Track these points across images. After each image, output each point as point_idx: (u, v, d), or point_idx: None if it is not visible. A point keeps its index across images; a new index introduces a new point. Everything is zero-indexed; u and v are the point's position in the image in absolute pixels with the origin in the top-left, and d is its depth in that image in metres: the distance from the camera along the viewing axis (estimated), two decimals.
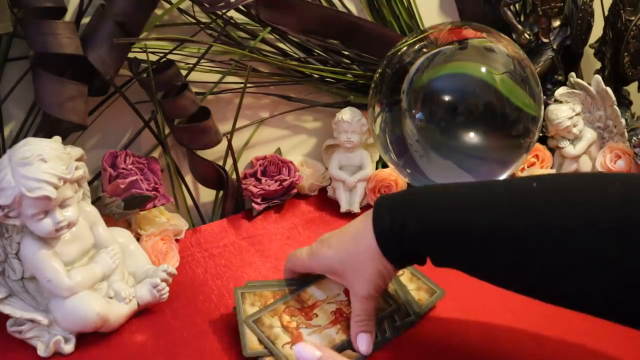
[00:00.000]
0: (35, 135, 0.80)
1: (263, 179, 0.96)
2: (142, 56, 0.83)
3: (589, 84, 0.98)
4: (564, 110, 0.96)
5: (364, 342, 0.64)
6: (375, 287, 0.63)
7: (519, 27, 1.02)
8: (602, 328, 0.56)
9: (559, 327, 0.66)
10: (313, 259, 0.68)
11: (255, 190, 0.94)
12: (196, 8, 0.87)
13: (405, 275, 0.76)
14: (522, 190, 0.55)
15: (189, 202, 0.93)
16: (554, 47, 1.03)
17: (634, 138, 0.97)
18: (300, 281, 0.71)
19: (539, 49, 1.03)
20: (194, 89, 0.88)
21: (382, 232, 0.60)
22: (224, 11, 0.88)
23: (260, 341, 0.64)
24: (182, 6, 0.87)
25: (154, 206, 0.83)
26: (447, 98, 0.83)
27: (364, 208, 0.96)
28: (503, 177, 0.87)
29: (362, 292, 0.63)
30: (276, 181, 0.95)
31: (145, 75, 0.83)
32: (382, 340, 0.66)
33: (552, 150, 1.01)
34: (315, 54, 0.98)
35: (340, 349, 0.64)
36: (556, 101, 0.99)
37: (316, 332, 0.66)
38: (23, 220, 0.65)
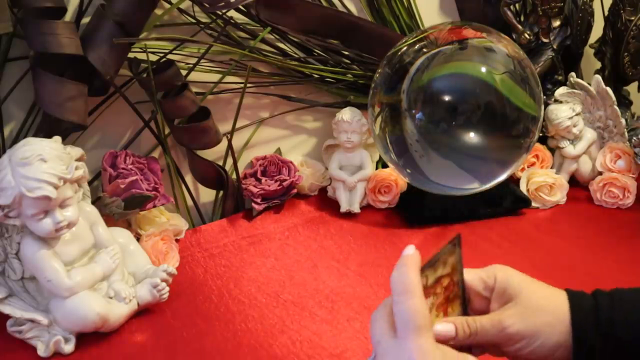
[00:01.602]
0: (35, 135, 0.80)
1: (263, 179, 0.96)
2: (142, 56, 0.83)
3: (589, 84, 0.98)
4: (564, 110, 0.96)
5: None
6: None
7: (519, 27, 1.02)
8: None
9: None
10: None
11: (255, 190, 0.94)
12: (196, 8, 0.87)
13: None
14: None
15: (189, 202, 0.93)
16: (554, 47, 1.03)
17: (634, 138, 0.97)
18: None
19: (539, 49, 1.03)
20: (194, 89, 0.88)
21: None
22: (224, 11, 0.88)
23: None
24: (182, 6, 0.87)
25: (154, 206, 0.83)
26: (447, 98, 0.83)
27: (364, 208, 0.96)
28: (503, 177, 0.87)
29: None
30: (276, 181, 0.95)
31: (145, 75, 0.83)
32: None
33: (552, 150, 1.01)
34: (315, 54, 0.98)
35: None
36: (556, 101, 0.99)
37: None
38: (23, 220, 0.65)
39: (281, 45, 0.97)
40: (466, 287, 0.54)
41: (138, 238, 0.81)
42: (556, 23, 1.02)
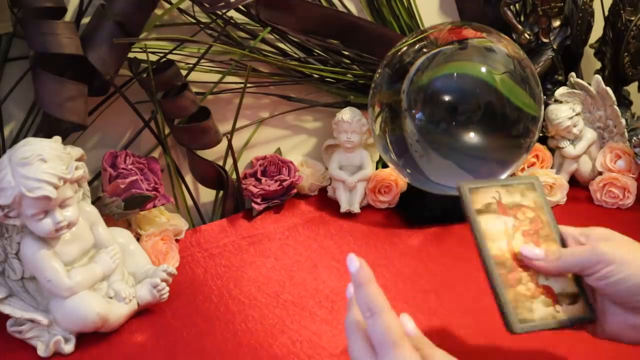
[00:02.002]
0: (35, 135, 0.80)
1: (263, 179, 0.96)
2: (142, 56, 0.83)
3: (589, 84, 0.98)
4: (564, 110, 0.96)
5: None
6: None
7: (519, 27, 1.02)
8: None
9: None
10: None
11: (255, 190, 0.94)
12: (196, 8, 0.87)
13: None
14: None
15: (189, 202, 0.93)
16: (554, 47, 1.03)
17: (634, 138, 0.97)
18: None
19: (539, 49, 1.03)
20: (194, 89, 0.88)
21: None
22: (224, 11, 0.88)
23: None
24: (182, 6, 0.87)
25: (154, 206, 0.83)
26: (447, 98, 0.83)
27: (364, 208, 0.96)
28: (503, 177, 0.87)
29: None
30: (276, 181, 0.95)
31: (145, 75, 0.83)
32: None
33: (552, 150, 1.01)
34: (315, 54, 0.98)
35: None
36: (556, 101, 0.99)
37: None
38: (23, 220, 0.65)
39: (281, 45, 0.97)
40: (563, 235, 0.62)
41: (138, 238, 0.81)
42: (556, 23, 1.02)
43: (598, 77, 0.98)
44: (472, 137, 0.83)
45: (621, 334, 0.58)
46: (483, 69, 0.84)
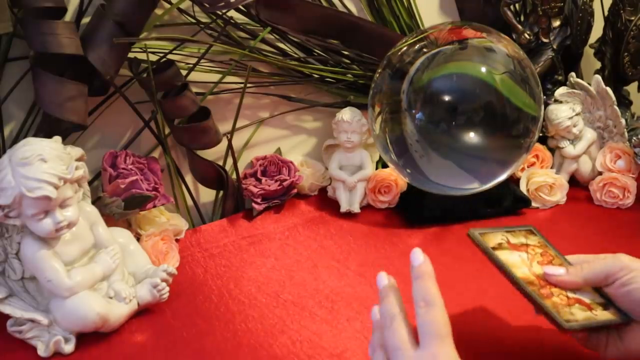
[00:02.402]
0: (35, 135, 0.80)
1: (263, 179, 0.96)
2: (142, 56, 0.83)
3: (589, 84, 0.98)
4: (564, 110, 0.97)
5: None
6: None
7: (519, 27, 1.02)
8: None
9: None
10: None
11: (255, 190, 0.94)
12: (196, 8, 0.87)
13: None
14: None
15: (189, 202, 0.93)
16: (554, 47, 1.03)
17: (634, 138, 0.97)
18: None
19: (539, 49, 1.03)
20: (194, 89, 0.88)
21: None
22: (224, 11, 0.88)
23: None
24: (182, 6, 0.87)
25: (154, 206, 0.83)
26: (447, 98, 0.83)
27: (364, 208, 0.96)
28: (503, 177, 0.87)
29: None
30: (276, 181, 0.95)
31: (145, 75, 0.83)
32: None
33: (552, 150, 1.01)
34: (315, 54, 0.98)
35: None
36: (556, 101, 0.99)
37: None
38: (23, 220, 0.65)
39: (281, 45, 0.97)
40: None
41: (138, 238, 0.81)
42: (556, 23, 1.02)
43: (598, 77, 0.98)
44: (472, 137, 0.83)
45: (638, 351, 0.59)
46: (483, 69, 0.84)
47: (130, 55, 0.83)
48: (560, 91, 0.99)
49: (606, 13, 1.06)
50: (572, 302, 0.61)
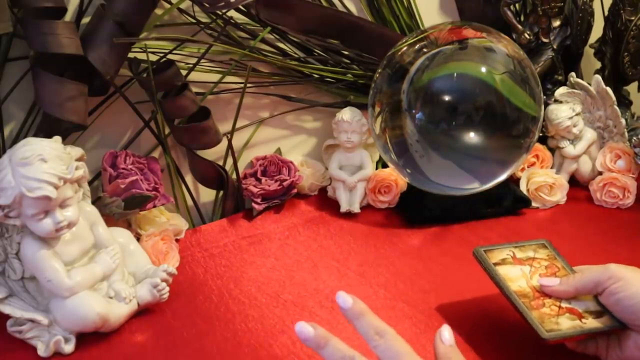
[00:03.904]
0: (35, 135, 0.80)
1: (263, 179, 0.96)
2: (142, 56, 0.83)
3: (589, 84, 0.98)
4: (564, 110, 0.97)
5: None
6: None
7: (519, 27, 1.02)
8: None
9: None
10: None
11: (255, 190, 0.94)
12: (196, 8, 0.87)
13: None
14: None
15: (189, 202, 0.93)
16: (554, 47, 1.03)
17: (634, 138, 0.97)
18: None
19: (539, 49, 1.03)
20: (194, 89, 0.88)
21: None
22: (224, 11, 0.88)
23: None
24: (182, 6, 0.87)
25: (154, 206, 0.83)
26: (447, 98, 0.83)
27: (364, 208, 0.96)
28: (503, 177, 0.87)
29: None
30: (276, 181, 0.95)
31: (145, 75, 0.83)
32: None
33: (552, 150, 1.01)
34: (315, 54, 0.98)
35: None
36: (556, 101, 0.99)
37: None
38: (23, 220, 0.65)
39: (281, 45, 0.97)
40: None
41: (138, 238, 0.81)
42: (556, 23, 1.02)
43: (598, 77, 0.98)
44: (472, 137, 0.83)
45: (634, 358, 0.61)
46: (483, 69, 0.84)
47: (130, 55, 0.83)
48: (560, 91, 0.99)
49: (606, 13, 1.06)
50: (562, 312, 0.63)
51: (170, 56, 0.85)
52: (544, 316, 0.62)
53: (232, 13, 0.90)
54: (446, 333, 0.54)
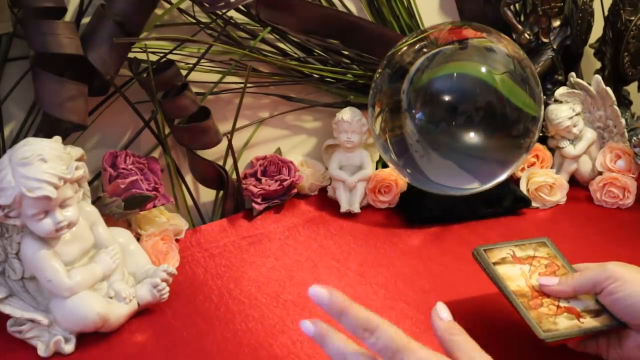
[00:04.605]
0: (35, 135, 0.80)
1: (263, 179, 0.96)
2: (142, 56, 0.83)
3: (589, 84, 0.98)
4: (564, 110, 0.97)
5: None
6: None
7: (519, 27, 1.02)
8: None
9: None
10: None
11: (255, 190, 0.94)
12: (196, 8, 0.87)
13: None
14: None
15: (189, 202, 0.93)
16: (554, 47, 1.03)
17: (634, 138, 0.97)
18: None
19: (539, 49, 1.03)
20: (194, 89, 0.88)
21: None
22: (224, 11, 0.88)
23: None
24: (182, 6, 0.87)
25: (154, 206, 0.83)
26: (447, 98, 0.83)
27: (364, 208, 0.96)
28: (503, 177, 0.87)
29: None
30: (276, 181, 0.95)
31: (145, 75, 0.83)
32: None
33: (552, 150, 1.01)
34: (315, 54, 0.98)
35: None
36: (556, 101, 0.99)
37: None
38: (23, 220, 0.65)
39: (281, 45, 0.97)
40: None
41: (138, 238, 0.81)
42: (556, 23, 1.02)
43: (598, 77, 0.98)
44: (472, 137, 0.83)
45: (634, 357, 0.61)
46: (483, 69, 0.84)
47: (130, 55, 0.83)
48: (560, 91, 0.99)
49: (606, 13, 1.06)
50: (560, 311, 0.63)
51: (170, 56, 0.85)
52: (541, 316, 0.63)
53: (232, 13, 0.90)
54: (443, 310, 0.53)
